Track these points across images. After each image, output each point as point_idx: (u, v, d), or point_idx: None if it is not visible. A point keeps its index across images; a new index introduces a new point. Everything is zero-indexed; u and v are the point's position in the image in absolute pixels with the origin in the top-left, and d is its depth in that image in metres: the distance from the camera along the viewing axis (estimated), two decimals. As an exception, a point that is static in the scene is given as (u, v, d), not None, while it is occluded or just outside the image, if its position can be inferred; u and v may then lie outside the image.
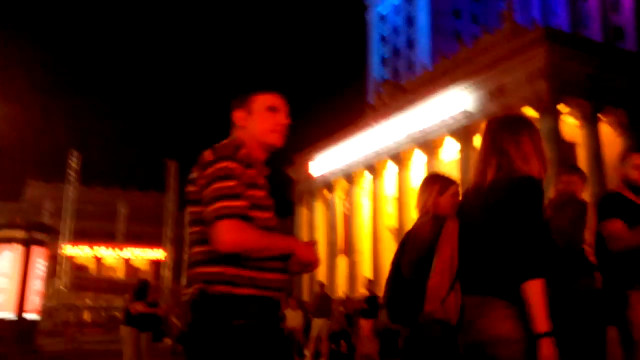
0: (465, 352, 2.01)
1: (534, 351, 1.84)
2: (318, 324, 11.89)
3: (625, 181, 3.32)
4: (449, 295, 2.06)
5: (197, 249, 1.91)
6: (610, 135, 21.46)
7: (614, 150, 19.60)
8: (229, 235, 1.79)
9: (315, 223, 34.53)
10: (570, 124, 21.63)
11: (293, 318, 12.60)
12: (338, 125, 33.10)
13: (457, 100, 23.72)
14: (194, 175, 1.95)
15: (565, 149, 21.05)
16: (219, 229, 1.79)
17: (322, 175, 33.45)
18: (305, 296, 27.92)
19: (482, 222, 2.03)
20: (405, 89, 29.94)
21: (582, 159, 21.18)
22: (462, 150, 23.90)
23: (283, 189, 39.01)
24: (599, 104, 20.95)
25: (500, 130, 2.18)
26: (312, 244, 1.94)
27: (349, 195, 31.66)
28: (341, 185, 32.67)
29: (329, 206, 33.56)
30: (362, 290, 27.29)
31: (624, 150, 3.58)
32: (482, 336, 1.93)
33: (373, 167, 29.38)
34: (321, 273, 31.40)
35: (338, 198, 33.00)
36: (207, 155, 1.92)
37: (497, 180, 2.06)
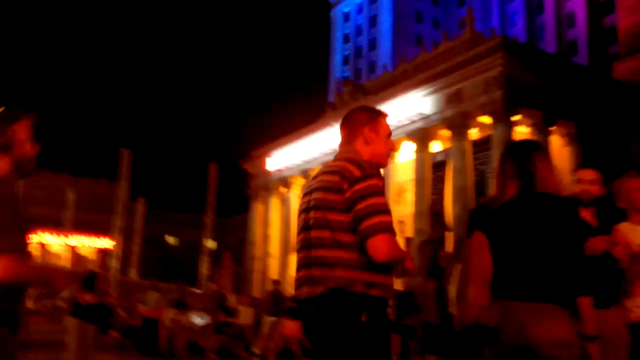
0: (513, 354, 2.21)
1: (585, 354, 2.18)
2: (269, 322, 11.90)
3: (571, 193, 3.53)
4: (492, 303, 2.30)
5: (333, 253, 2.15)
6: (559, 146, 22.25)
7: (562, 159, 20.35)
8: (387, 248, 2.10)
9: (270, 219, 34.45)
10: (522, 133, 22.30)
11: (245, 315, 12.56)
12: (298, 123, 33.17)
13: (415, 103, 24.09)
14: (331, 184, 2.20)
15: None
16: (379, 242, 2.09)
17: (279, 172, 33.40)
18: (256, 293, 27.86)
19: (535, 236, 2.27)
20: (365, 89, 30.20)
21: (532, 167, 21.87)
22: (417, 152, 24.30)
23: (239, 184, 38.80)
24: (550, 115, 21.68)
25: (523, 152, 2.49)
26: (409, 254, 2.29)
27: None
28: (298, 182, 32.69)
29: (285, 202, 33.54)
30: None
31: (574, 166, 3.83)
32: (542, 339, 2.15)
33: (330, 166, 29.53)
34: (274, 270, 31.43)
35: (294, 195, 33.01)
36: (353, 170, 2.19)
37: (537, 198, 2.33)
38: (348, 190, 2.15)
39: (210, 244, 35.83)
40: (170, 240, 42.56)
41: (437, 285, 5.89)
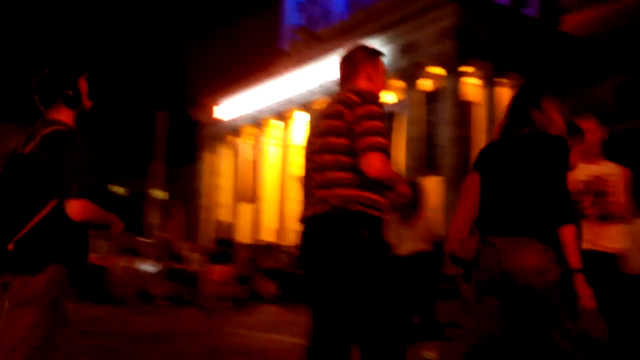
0: (490, 284, 2.38)
1: (565, 284, 2.25)
2: (219, 269, 11.93)
3: None
4: (470, 237, 2.46)
5: (334, 174, 2.33)
6: (507, 97, 22.67)
7: (510, 112, 20.78)
8: (379, 164, 2.24)
9: (220, 169, 34.08)
10: (472, 85, 22.60)
11: (195, 262, 12.55)
12: (248, 70, 32.43)
13: (369, 53, 23.91)
14: (334, 111, 2.37)
15: (468, 108, 22.05)
16: (372, 159, 2.24)
17: (229, 121, 32.83)
18: (206, 242, 27.78)
19: (518, 173, 2.38)
20: (319, 38, 29.71)
21: (481, 119, 22.32)
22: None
23: (189, 133, 38.00)
24: (499, 67, 21.99)
25: (526, 96, 2.56)
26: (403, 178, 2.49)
27: (256, 142, 31.38)
28: (249, 131, 32.30)
29: (235, 152, 33.17)
30: (264, 237, 27.56)
31: None
32: (515, 268, 2.27)
33: (283, 115, 29.23)
34: (226, 219, 31.34)
35: (245, 144, 32.65)
36: (354, 97, 2.34)
37: (526, 136, 2.42)
38: (349, 115, 2.32)
39: (160, 194, 35.28)
40: (119, 190, 41.60)
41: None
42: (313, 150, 2.45)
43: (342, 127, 2.32)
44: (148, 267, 11.97)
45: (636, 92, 20.87)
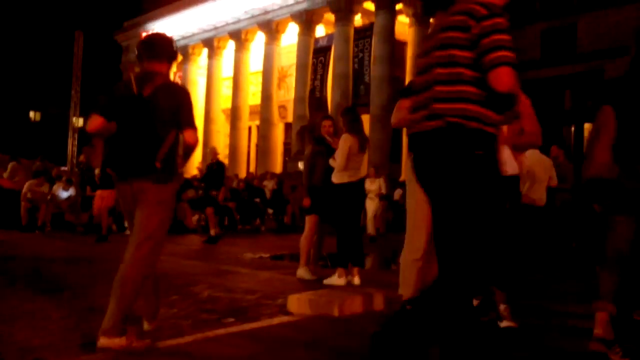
0: (632, 200, 3.02)
1: None
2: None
3: None
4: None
5: (455, 87, 2.26)
6: (436, 38, 22.93)
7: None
8: (508, 78, 2.16)
9: (145, 97, 32.78)
10: (402, 23, 22.60)
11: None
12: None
13: (302, -17, 23.28)
14: (457, 22, 2.27)
15: (398, 47, 22.12)
16: (502, 73, 2.16)
17: (155, 47, 31.32)
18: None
19: None
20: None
21: (410, 58, 22.52)
22: (300, 35, 23.86)
23: (112, 58, 36.09)
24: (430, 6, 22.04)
25: None
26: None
27: (182, 70, 30.28)
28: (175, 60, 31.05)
29: (161, 81, 31.92)
30: (189, 169, 27.14)
31: None
32: None
33: (211, 43, 28.22)
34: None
35: (171, 73, 31.33)
36: (480, 9, 2.24)
37: None
38: (475, 27, 2.23)
39: (79, 121, 33.67)
40: (33, 115, 39.25)
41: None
42: (429, 64, 2.35)
43: (467, 40, 2.24)
44: (62, 191, 11.52)
45: (560, 39, 21.66)
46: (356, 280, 5.72)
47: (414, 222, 3.76)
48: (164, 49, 3.44)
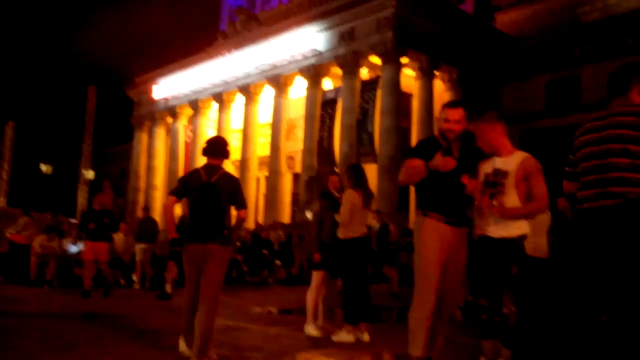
0: None
1: None
2: (141, 249, 11.77)
3: (439, 130, 3.88)
4: None
5: (629, 174, 3.02)
6: (441, 90, 23.32)
7: (442, 104, 21.37)
8: None
9: (156, 150, 33.26)
10: (408, 76, 23.04)
11: (122, 243, 12.26)
12: (188, 50, 31.70)
13: (309, 39, 23.93)
14: (632, 123, 3.12)
15: (403, 98, 22.48)
16: None
17: (166, 101, 32.03)
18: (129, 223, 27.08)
19: None
20: (259, 20, 29.40)
21: (415, 109, 22.84)
22: (309, 89, 24.35)
23: (123, 112, 36.84)
24: (435, 59, 22.53)
25: None
26: None
27: (193, 123, 30.81)
28: (186, 113, 31.65)
29: (171, 133, 32.45)
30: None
31: (442, 105, 4.11)
32: None
33: (220, 98, 28.81)
34: (158, 203, 30.68)
35: (181, 126, 31.98)
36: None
37: None
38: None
39: (89, 173, 34.07)
40: (45, 168, 39.82)
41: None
42: (602, 153, 3.17)
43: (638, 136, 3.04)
44: (71, 246, 11.57)
45: (564, 90, 21.95)
46: (365, 336, 5.66)
47: (423, 280, 3.76)
48: (222, 151, 4.83)
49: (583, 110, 20.85)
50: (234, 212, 4.72)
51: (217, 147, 4.81)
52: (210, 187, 4.54)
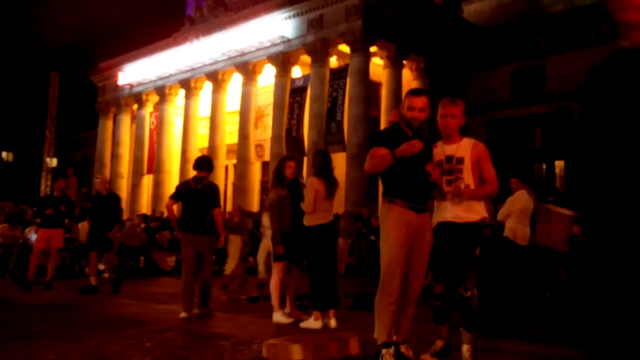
0: None
1: None
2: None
3: (402, 117, 3.95)
4: None
5: None
6: (409, 79, 23.49)
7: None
8: None
9: (121, 138, 32.66)
10: (377, 65, 23.12)
11: (85, 230, 12.04)
12: (154, 36, 31.11)
13: (277, 26, 23.75)
14: None
15: (372, 87, 22.57)
16: None
17: (131, 87, 31.40)
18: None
19: None
20: (226, 6, 29.03)
21: (384, 98, 22.96)
22: (277, 76, 24.21)
23: (88, 98, 36.03)
24: (404, 49, 22.65)
25: None
26: None
27: (159, 110, 30.33)
28: (152, 100, 31.11)
29: (137, 121, 31.89)
30: (164, 209, 26.82)
31: (406, 93, 4.18)
32: None
33: (188, 84, 28.41)
34: (123, 191, 30.22)
35: (147, 113, 31.45)
36: None
37: None
38: None
39: (52, 161, 33.32)
40: (6, 155, 38.72)
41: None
42: None
43: None
44: (34, 235, 11.33)
45: (529, 80, 22.36)
46: (332, 322, 5.71)
47: (388, 266, 3.82)
48: (207, 166, 6.75)
49: (547, 101, 21.35)
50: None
51: (203, 163, 6.71)
52: (196, 193, 6.43)
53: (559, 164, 21.31)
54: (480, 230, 3.95)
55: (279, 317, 6.09)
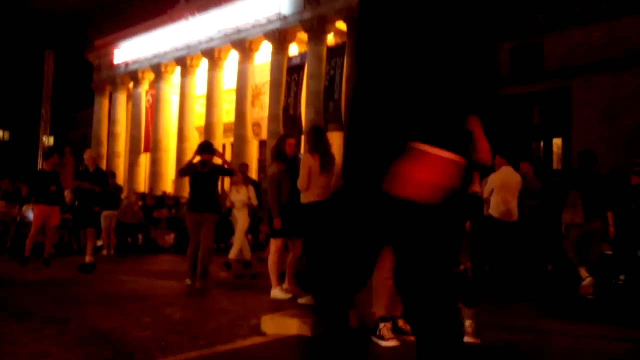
0: None
1: None
2: (106, 215, 11.62)
3: None
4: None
5: None
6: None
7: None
8: None
9: (117, 116, 32.45)
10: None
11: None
12: (150, 12, 30.69)
13: (273, 2, 23.48)
14: None
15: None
16: None
17: (126, 65, 31.13)
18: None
19: None
20: (223, -17, 28.61)
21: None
22: (274, 54, 24.00)
23: (84, 76, 35.73)
24: (402, 25, 22.39)
25: None
26: None
27: (155, 88, 30.11)
28: (148, 78, 30.86)
29: (133, 99, 31.68)
30: (162, 187, 26.87)
31: None
32: None
33: (184, 62, 28.17)
34: (120, 169, 30.16)
35: (143, 91, 31.22)
36: None
37: None
38: None
39: (49, 139, 33.19)
40: (1, 134, 38.54)
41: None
42: None
43: None
44: (31, 212, 11.31)
45: (527, 57, 22.21)
46: (330, 298, 5.72)
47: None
48: (210, 149, 7.36)
49: (545, 78, 21.23)
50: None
51: (205, 148, 7.36)
52: (203, 174, 7.13)
53: (556, 142, 21.29)
54: (471, 202, 3.93)
55: (277, 292, 6.12)
